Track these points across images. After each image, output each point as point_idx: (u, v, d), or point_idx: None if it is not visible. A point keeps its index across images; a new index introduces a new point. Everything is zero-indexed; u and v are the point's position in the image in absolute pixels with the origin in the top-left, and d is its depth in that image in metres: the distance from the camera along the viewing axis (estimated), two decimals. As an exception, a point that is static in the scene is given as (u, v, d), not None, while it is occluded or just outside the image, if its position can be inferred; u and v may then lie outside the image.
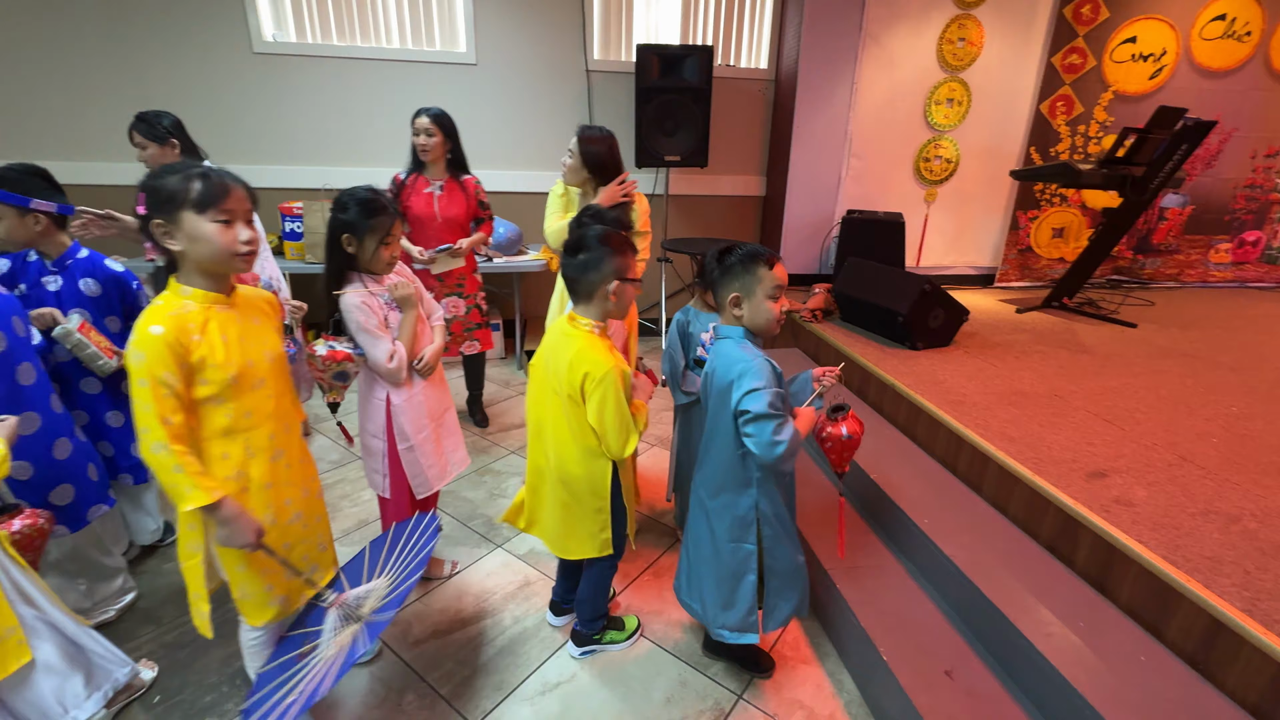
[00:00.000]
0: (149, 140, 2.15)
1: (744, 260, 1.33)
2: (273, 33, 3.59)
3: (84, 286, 1.69)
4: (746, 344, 1.35)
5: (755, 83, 4.03)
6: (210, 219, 1.06)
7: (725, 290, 1.36)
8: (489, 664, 1.65)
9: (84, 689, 1.36)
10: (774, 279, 1.33)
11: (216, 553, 1.21)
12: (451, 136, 2.47)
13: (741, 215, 4.29)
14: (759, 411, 1.24)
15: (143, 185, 1.09)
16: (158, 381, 1.05)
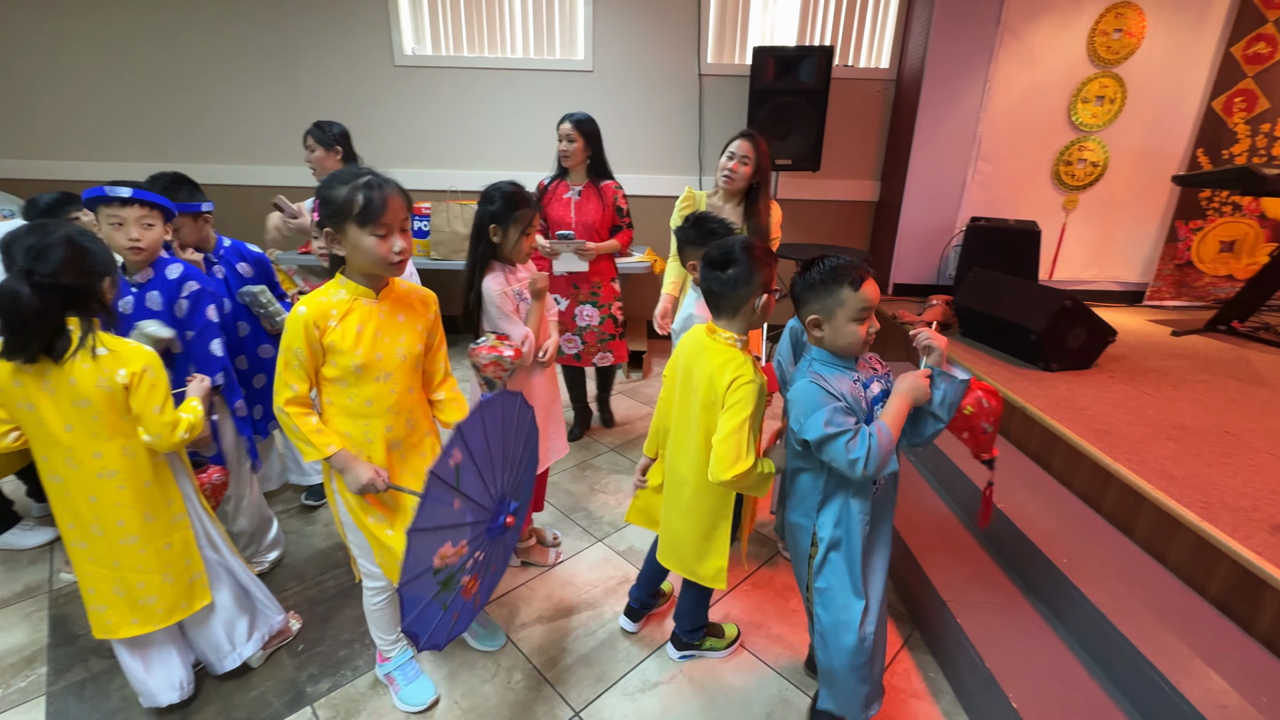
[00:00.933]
0: (318, 145, 2.40)
1: (826, 278, 1.19)
2: (412, 46, 3.89)
3: (241, 270, 1.93)
4: (814, 370, 1.23)
5: (875, 83, 3.86)
6: (369, 233, 1.15)
7: (805, 310, 1.24)
8: (591, 655, 1.68)
9: (247, 630, 1.54)
10: (860, 301, 1.17)
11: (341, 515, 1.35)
12: (592, 142, 2.46)
13: (853, 221, 4.12)
14: (819, 436, 1.15)
15: (318, 193, 1.21)
16: (290, 353, 1.20)
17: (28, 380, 1.18)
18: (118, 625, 1.34)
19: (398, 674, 1.51)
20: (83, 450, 1.23)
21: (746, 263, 1.28)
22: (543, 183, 2.59)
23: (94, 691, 1.53)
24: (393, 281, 1.30)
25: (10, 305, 1.10)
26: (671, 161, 3.93)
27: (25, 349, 1.15)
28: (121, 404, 1.24)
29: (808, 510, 1.29)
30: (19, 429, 1.24)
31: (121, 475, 1.27)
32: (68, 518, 1.29)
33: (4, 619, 1.75)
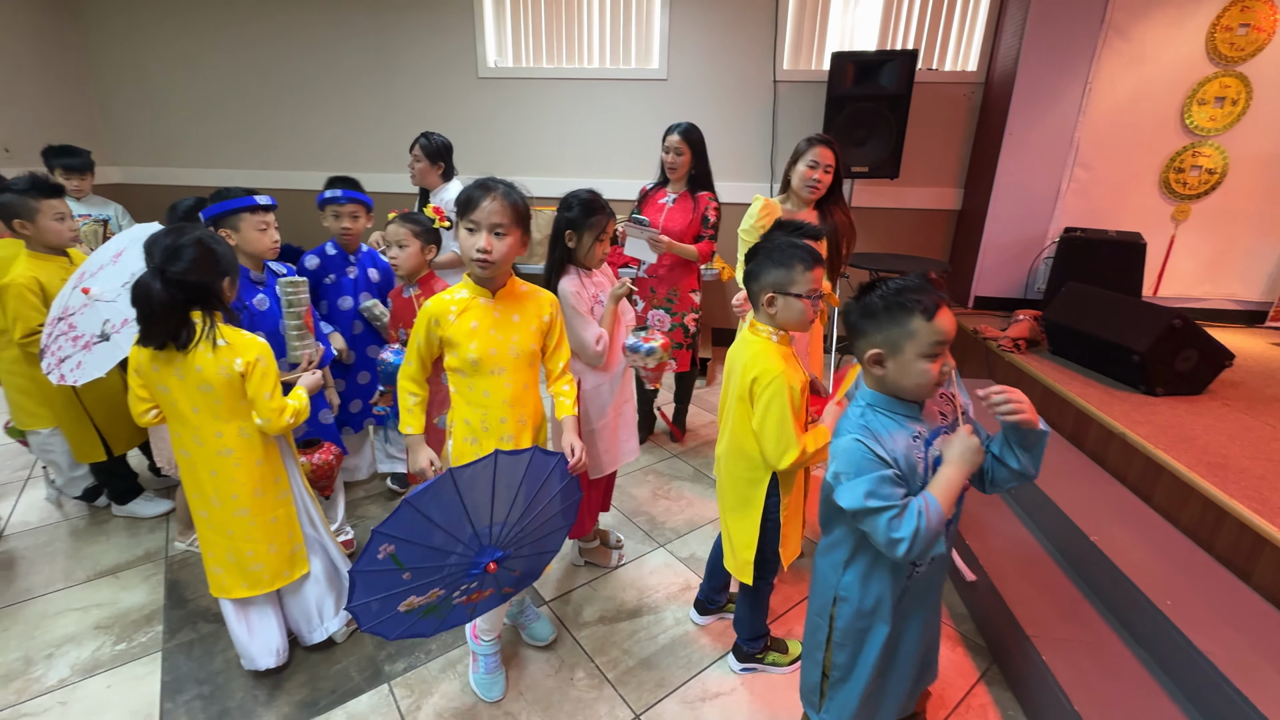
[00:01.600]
0: (424, 155, 2.54)
1: (892, 305, 1.00)
2: (494, 59, 4.07)
3: (370, 275, 2.09)
4: (865, 423, 1.04)
5: (961, 87, 3.69)
6: (464, 226, 1.27)
7: (864, 342, 1.05)
8: (652, 659, 1.70)
9: (334, 606, 1.65)
10: (934, 333, 0.98)
11: None
12: (698, 152, 2.45)
13: (931, 230, 3.96)
14: (858, 508, 0.98)
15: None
16: (414, 338, 1.36)
17: (162, 365, 1.33)
18: (230, 587, 1.49)
19: (483, 659, 1.56)
20: (206, 430, 1.37)
21: (759, 260, 1.34)
22: (645, 188, 2.64)
23: (201, 652, 1.68)
24: (513, 282, 1.38)
25: (143, 298, 1.25)
26: (743, 169, 3.91)
27: (155, 337, 1.29)
28: (238, 390, 1.36)
29: (835, 561, 1.15)
30: (157, 408, 1.40)
31: (237, 454, 1.40)
32: (193, 489, 1.44)
33: (128, 579, 1.96)
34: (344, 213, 2.01)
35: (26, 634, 1.72)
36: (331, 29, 4.10)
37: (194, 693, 1.55)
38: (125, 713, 1.49)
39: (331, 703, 1.53)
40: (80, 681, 1.58)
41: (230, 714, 1.49)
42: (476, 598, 1.28)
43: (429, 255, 1.93)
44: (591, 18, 3.91)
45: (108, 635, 1.73)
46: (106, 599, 1.87)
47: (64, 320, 1.70)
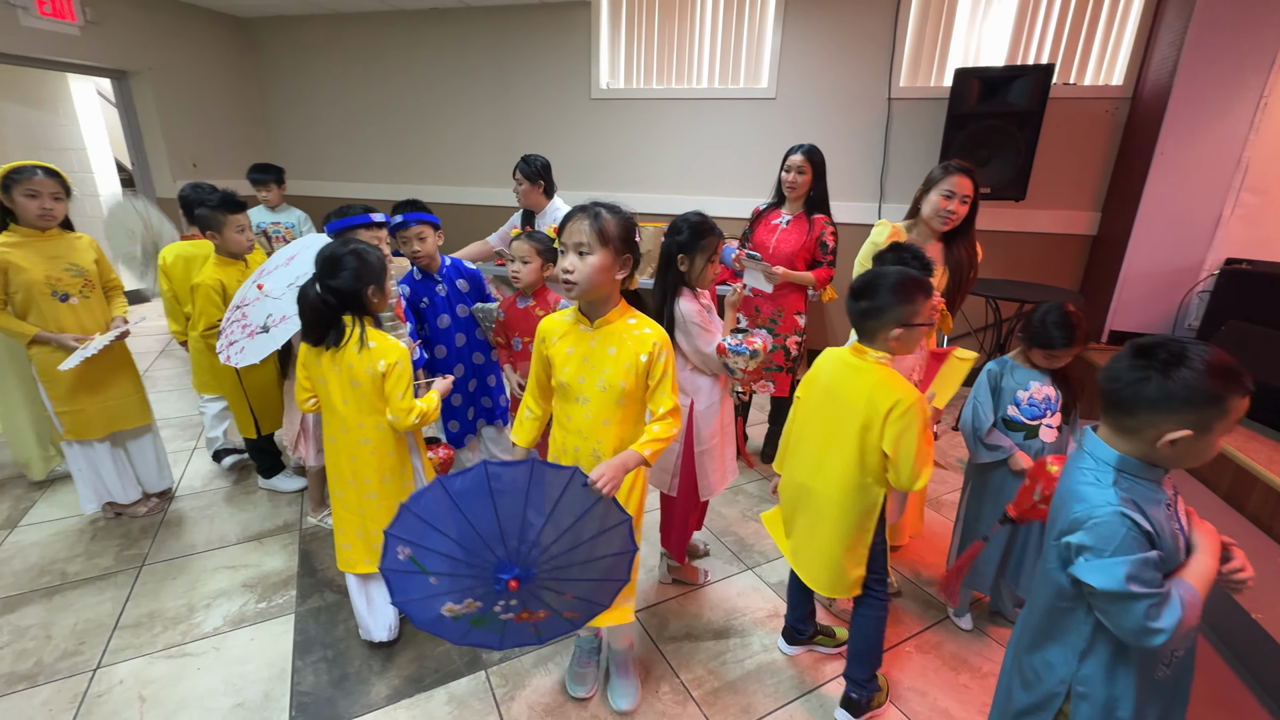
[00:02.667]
0: (525, 178, 2.71)
1: (1212, 383, 0.85)
2: (607, 80, 4.24)
3: (459, 286, 2.20)
4: (1120, 477, 0.93)
5: (1103, 102, 3.40)
6: (559, 248, 1.30)
7: (1170, 420, 0.88)
8: (737, 683, 1.68)
9: None
10: (1239, 411, 0.89)
11: None
12: (819, 174, 2.43)
13: (1059, 256, 3.65)
14: (1114, 590, 0.87)
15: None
16: (534, 355, 1.42)
17: (323, 361, 1.52)
18: (356, 562, 1.65)
19: (578, 653, 1.63)
20: (351, 420, 1.54)
21: (883, 297, 1.31)
22: (758, 208, 2.63)
23: (326, 619, 1.86)
24: (619, 316, 1.32)
25: (303, 301, 1.47)
26: (851, 188, 3.81)
27: (312, 336, 1.50)
28: (379, 388, 1.52)
29: (1067, 653, 1.00)
30: (316, 397, 1.60)
31: (373, 444, 1.56)
32: (334, 471, 1.61)
33: (269, 546, 2.21)
34: (410, 236, 2.02)
35: (190, 585, 1.99)
36: (460, 57, 4.47)
37: (319, 655, 1.72)
38: (264, 663, 1.69)
39: (435, 681, 1.64)
40: (230, 632, 1.80)
41: (349, 679, 1.64)
42: (529, 618, 1.22)
43: (547, 272, 2.03)
44: (702, 39, 3.99)
45: (252, 593, 1.96)
46: (252, 561, 2.12)
47: (239, 309, 1.98)
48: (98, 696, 1.57)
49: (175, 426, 3.02)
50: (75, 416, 2.09)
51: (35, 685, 1.60)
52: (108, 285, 2.20)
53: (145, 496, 2.37)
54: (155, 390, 2.45)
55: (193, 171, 4.67)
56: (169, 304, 2.48)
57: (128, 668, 1.66)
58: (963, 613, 1.90)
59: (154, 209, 3.08)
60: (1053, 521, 1.02)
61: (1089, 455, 0.98)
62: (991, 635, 1.86)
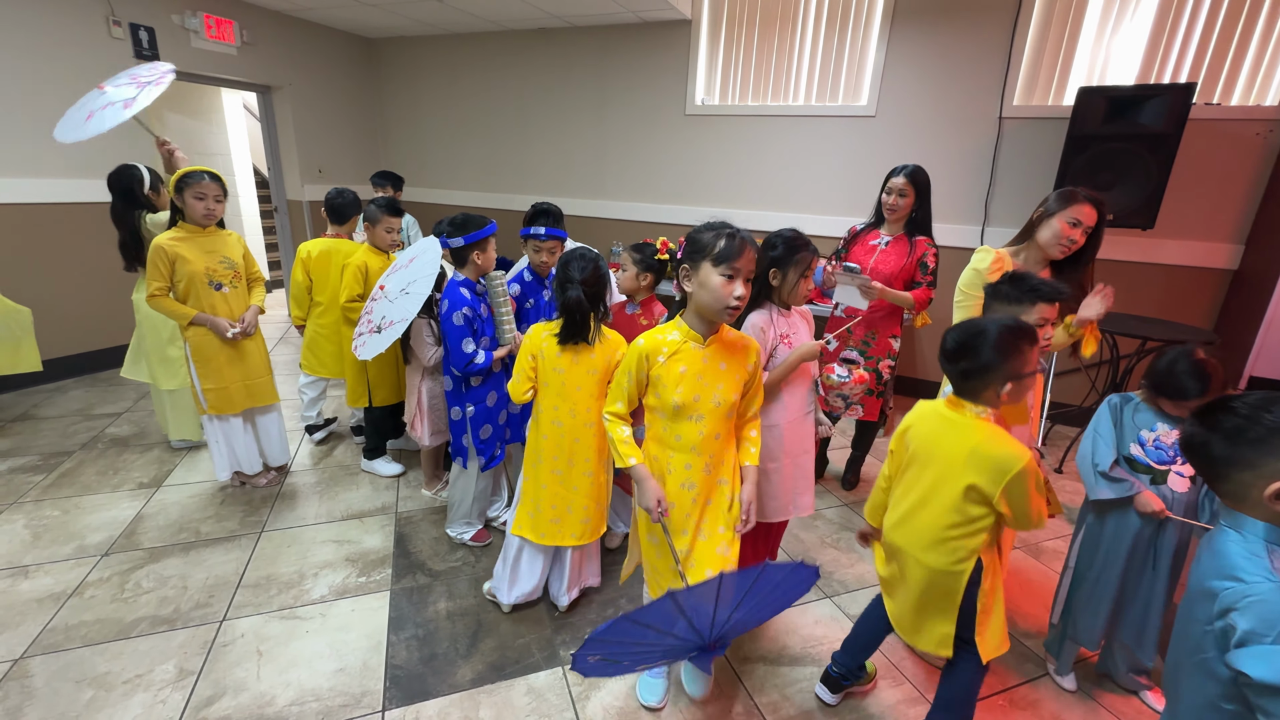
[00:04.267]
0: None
1: (1266, 421, 0.85)
2: (702, 97, 4.29)
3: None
4: (1271, 548, 0.87)
5: (1253, 124, 3.08)
6: (720, 272, 1.26)
7: (1245, 474, 0.87)
8: (814, 714, 1.64)
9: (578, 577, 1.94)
10: None
11: (634, 517, 1.52)
12: (923, 196, 2.38)
13: (1191, 291, 3.32)
14: (1270, 682, 0.79)
15: (689, 237, 1.35)
16: (625, 374, 1.40)
17: (567, 353, 1.69)
18: (564, 535, 1.80)
19: None
20: (581, 405, 1.72)
21: (987, 356, 1.22)
22: (855, 228, 2.58)
23: (418, 599, 1.98)
24: (723, 329, 1.38)
25: (576, 305, 1.65)
26: (953, 211, 3.65)
27: (575, 336, 1.67)
28: (609, 375, 1.69)
29: None
30: (534, 388, 1.76)
31: (595, 426, 1.74)
32: (554, 451, 1.76)
33: (369, 524, 2.38)
34: (544, 248, 2.20)
35: (301, 553, 2.18)
36: (562, 73, 4.66)
37: (411, 632, 1.83)
38: (362, 634, 1.82)
39: (515, 672, 1.71)
40: (334, 601, 1.95)
41: (437, 658, 1.74)
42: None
43: (644, 281, 2.09)
44: (803, 55, 3.96)
45: (354, 568, 2.12)
46: (354, 537, 2.29)
47: (371, 302, 2.18)
48: (223, 646, 1.75)
49: (292, 407, 3.32)
50: (219, 394, 2.35)
51: (174, 629, 1.80)
52: (251, 276, 2.46)
53: (266, 469, 2.62)
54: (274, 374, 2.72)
55: (318, 177, 5.13)
56: (299, 292, 2.74)
57: (248, 623, 1.84)
58: (1065, 671, 1.76)
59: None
60: (1199, 598, 0.92)
61: (1228, 529, 0.91)
62: (1097, 699, 1.71)
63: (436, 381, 2.39)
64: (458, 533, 2.26)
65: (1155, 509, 1.51)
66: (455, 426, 2.10)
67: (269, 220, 5.94)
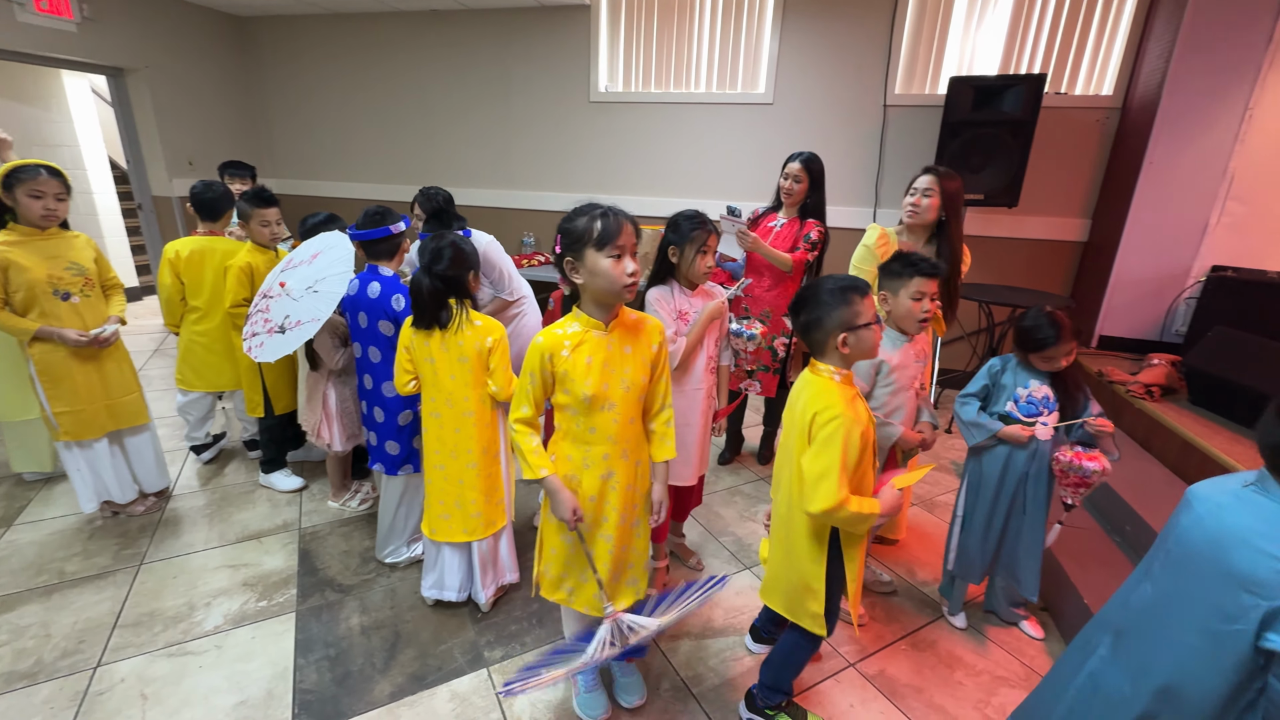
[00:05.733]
0: (424, 211, 2.41)
1: None
2: (605, 84, 4.27)
3: None
4: None
5: (1093, 112, 3.46)
6: (606, 255, 1.23)
7: None
8: (736, 680, 1.70)
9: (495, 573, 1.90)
10: None
11: (541, 527, 1.46)
12: (816, 183, 2.46)
13: (1050, 262, 3.71)
14: None
15: (561, 228, 1.29)
16: (526, 377, 1.32)
17: (434, 342, 1.68)
18: (454, 531, 1.79)
19: (580, 679, 1.59)
20: (458, 394, 1.70)
21: (817, 307, 1.32)
22: (757, 210, 2.70)
23: (328, 617, 1.87)
24: (622, 313, 1.33)
25: (416, 291, 1.65)
26: (847, 194, 3.86)
27: (425, 321, 1.67)
28: (485, 362, 1.70)
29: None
30: (417, 378, 1.74)
31: (476, 415, 1.73)
32: (435, 445, 1.76)
33: (269, 544, 2.21)
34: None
35: (190, 583, 1.99)
36: (459, 59, 4.48)
37: (322, 653, 1.73)
38: (266, 662, 1.69)
39: (438, 679, 1.65)
40: (231, 630, 1.80)
41: (351, 676, 1.65)
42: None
43: None
44: (701, 43, 4.03)
45: (253, 592, 1.96)
46: (252, 560, 2.12)
47: (265, 299, 2.02)
48: (99, 694, 1.57)
49: (171, 425, 3.01)
50: (74, 417, 2.08)
51: (36, 683, 1.60)
52: (107, 284, 2.20)
53: (142, 495, 2.37)
54: (151, 389, 2.45)
55: (189, 170, 4.65)
56: (170, 297, 2.45)
57: (129, 666, 1.66)
58: (956, 610, 1.94)
59: None
60: (1229, 574, 0.89)
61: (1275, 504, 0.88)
62: (985, 634, 1.90)
63: (346, 385, 2.25)
64: (392, 556, 2.09)
65: (1023, 436, 1.68)
66: (384, 431, 1.97)
67: (133, 219, 5.32)
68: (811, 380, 1.35)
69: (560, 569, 1.44)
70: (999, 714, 1.61)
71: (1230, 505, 0.93)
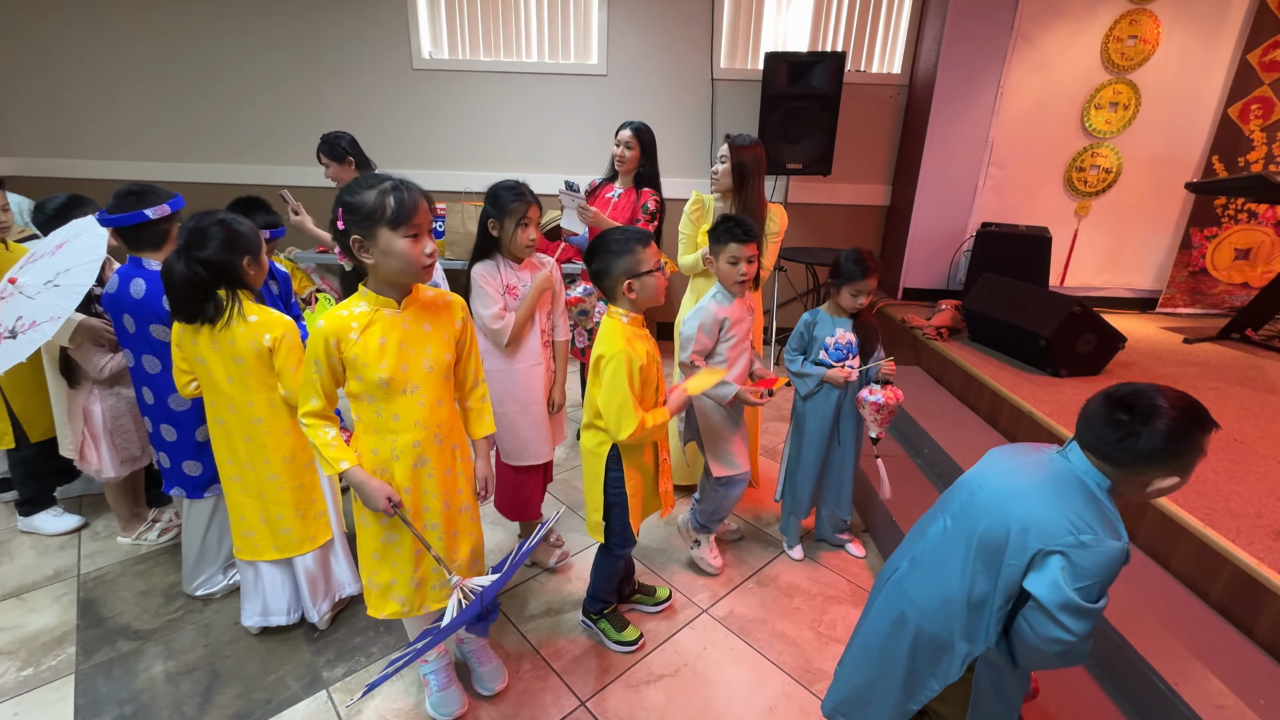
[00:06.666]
0: (331, 160, 2.46)
1: (1191, 434, 0.93)
2: (429, 50, 3.97)
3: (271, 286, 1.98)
4: (1114, 510, 0.98)
5: (887, 88, 3.87)
6: (402, 235, 1.12)
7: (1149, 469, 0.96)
8: (597, 647, 1.72)
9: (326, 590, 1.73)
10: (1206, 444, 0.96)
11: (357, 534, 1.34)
12: (648, 153, 2.50)
13: (863, 225, 4.14)
14: (1096, 609, 0.94)
15: (341, 202, 1.14)
16: (311, 366, 1.19)
17: (200, 339, 1.45)
18: (262, 549, 1.60)
19: (432, 679, 1.51)
20: (239, 400, 1.49)
21: (604, 256, 1.46)
22: (594, 182, 2.68)
23: (122, 671, 1.59)
24: (417, 289, 1.25)
25: (169, 277, 1.41)
26: (684, 165, 3.97)
27: (184, 313, 1.43)
28: (267, 363, 1.48)
29: (975, 646, 1.06)
30: (195, 379, 1.53)
31: (267, 422, 1.52)
32: (227, 455, 1.56)
33: (35, 601, 1.83)
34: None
35: (-84, 665, 1.59)
36: (257, 18, 3.90)
37: (114, 713, 1.47)
38: (35, 740, 1.40)
39: (267, 712, 1.48)
40: (-19, 712, 1.47)
41: (155, 733, 1.43)
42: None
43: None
44: (529, 11, 3.88)
45: (12, 661, 1.61)
46: (11, 623, 1.74)
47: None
48: None
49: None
50: None
51: None
52: None
53: None
54: None
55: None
56: None
57: None
58: (794, 543, 2.12)
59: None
60: (1007, 530, 1.00)
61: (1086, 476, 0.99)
62: (820, 561, 2.10)
63: (118, 397, 1.89)
64: (206, 587, 1.83)
65: (842, 377, 1.87)
66: (179, 450, 1.70)
67: None
68: (605, 322, 1.50)
69: (388, 574, 1.33)
70: (830, 629, 1.80)
71: (1035, 465, 1.05)
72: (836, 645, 1.74)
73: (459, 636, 1.61)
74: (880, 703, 1.18)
